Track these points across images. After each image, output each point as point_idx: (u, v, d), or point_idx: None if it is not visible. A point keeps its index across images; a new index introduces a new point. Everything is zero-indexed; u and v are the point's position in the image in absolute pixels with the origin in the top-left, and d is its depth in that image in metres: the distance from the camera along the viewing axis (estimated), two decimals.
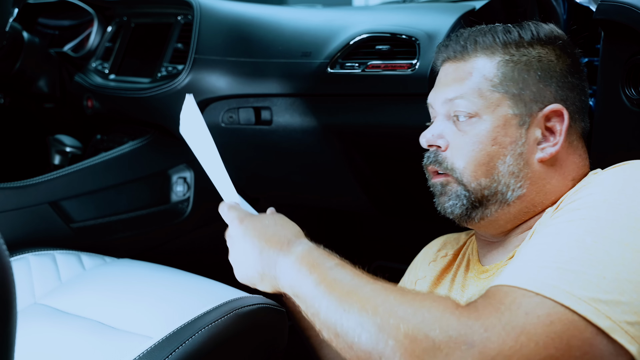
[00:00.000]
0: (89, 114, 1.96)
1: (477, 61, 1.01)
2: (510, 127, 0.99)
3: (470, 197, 1.00)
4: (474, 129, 0.99)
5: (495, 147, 0.98)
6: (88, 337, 1.17)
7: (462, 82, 1.01)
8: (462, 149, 1.00)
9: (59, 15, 2.19)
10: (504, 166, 0.98)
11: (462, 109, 1.00)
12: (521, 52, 1.01)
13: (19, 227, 1.57)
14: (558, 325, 0.71)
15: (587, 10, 1.36)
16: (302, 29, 1.61)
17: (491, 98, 0.99)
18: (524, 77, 1.00)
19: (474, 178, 1.00)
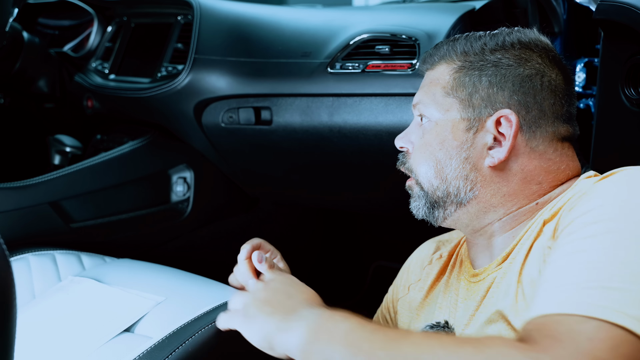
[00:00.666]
0: (89, 114, 1.96)
1: (439, 69, 1.05)
2: (458, 131, 1.00)
3: (427, 197, 1.04)
4: (429, 133, 1.03)
5: (442, 150, 1.01)
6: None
7: (424, 89, 1.05)
8: (420, 151, 1.04)
9: (59, 15, 2.19)
10: (450, 169, 1.01)
11: (423, 113, 1.04)
12: (479, 58, 1.02)
13: (19, 227, 1.57)
14: (622, 347, 0.69)
15: (587, 10, 1.36)
16: (302, 29, 1.61)
17: (443, 103, 1.02)
18: (474, 82, 1.01)
19: (427, 180, 1.03)
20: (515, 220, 1.00)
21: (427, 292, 1.15)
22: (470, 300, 1.02)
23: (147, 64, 1.82)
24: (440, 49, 1.06)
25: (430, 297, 1.14)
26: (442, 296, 1.10)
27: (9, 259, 0.70)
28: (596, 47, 1.40)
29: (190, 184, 1.83)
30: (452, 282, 1.10)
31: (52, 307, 1.30)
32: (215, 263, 1.90)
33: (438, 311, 1.09)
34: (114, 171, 1.74)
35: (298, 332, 0.86)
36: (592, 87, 1.45)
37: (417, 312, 1.14)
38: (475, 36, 1.04)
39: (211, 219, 1.88)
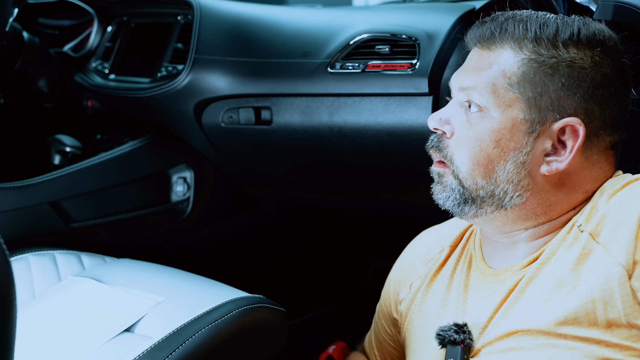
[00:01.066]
0: (89, 114, 1.96)
1: (502, 53, 0.93)
2: (518, 132, 0.92)
3: (464, 193, 0.95)
4: (480, 125, 0.93)
5: (497, 149, 0.92)
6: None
7: (480, 73, 0.94)
8: (464, 142, 0.94)
9: (59, 15, 2.19)
10: (503, 172, 0.93)
11: (474, 100, 0.94)
12: (552, 52, 0.92)
13: (19, 227, 1.57)
14: None
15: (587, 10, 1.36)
16: (302, 29, 1.61)
17: (504, 96, 0.92)
18: (544, 82, 0.92)
19: (471, 176, 0.95)
20: (551, 228, 0.96)
21: (427, 286, 1.09)
22: (487, 301, 0.97)
23: (147, 64, 1.82)
24: (506, 28, 0.93)
25: (431, 293, 1.08)
26: (446, 292, 1.05)
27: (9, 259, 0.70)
28: None
29: (190, 184, 1.83)
30: (459, 278, 1.05)
31: (52, 307, 1.30)
32: (215, 263, 1.91)
33: (442, 309, 1.04)
34: (114, 171, 1.74)
35: None
36: None
37: (419, 307, 1.10)
38: (547, 19, 0.93)
39: (211, 219, 1.88)
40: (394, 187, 1.61)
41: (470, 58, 0.98)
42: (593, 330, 0.85)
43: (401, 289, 1.16)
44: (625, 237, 0.85)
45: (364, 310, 1.56)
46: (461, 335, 0.95)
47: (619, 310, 0.84)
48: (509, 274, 0.97)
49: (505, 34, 0.94)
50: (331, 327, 2.01)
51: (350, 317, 2.09)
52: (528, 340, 0.90)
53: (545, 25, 0.93)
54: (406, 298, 1.14)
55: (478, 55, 0.96)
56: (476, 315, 0.98)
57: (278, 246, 2.07)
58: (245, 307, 1.19)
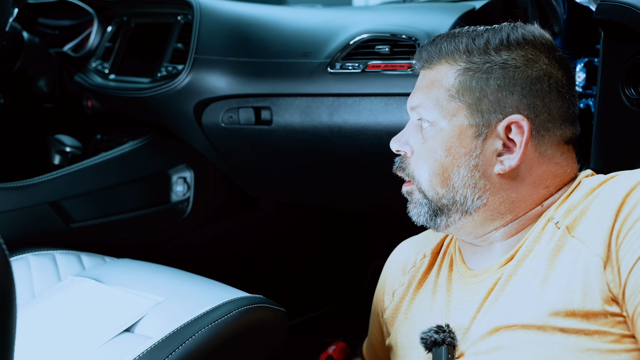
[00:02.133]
0: (89, 114, 1.96)
1: (440, 69, 0.99)
2: (465, 138, 0.96)
3: (430, 205, 1.00)
4: (432, 139, 0.98)
5: (449, 157, 0.97)
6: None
7: (425, 90, 1.00)
8: (421, 157, 1.00)
9: (59, 15, 2.19)
10: (458, 177, 0.97)
11: (424, 117, 0.99)
12: (484, 59, 0.97)
13: (19, 227, 1.57)
14: None
15: (587, 10, 1.36)
16: (302, 29, 1.61)
17: (448, 107, 0.97)
18: (481, 86, 0.96)
19: (431, 187, 0.99)
20: (521, 225, 0.99)
21: (413, 293, 1.11)
22: (469, 302, 0.99)
23: (147, 64, 1.82)
24: (440, 47, 0.99)
25: (418, 299, 1.10)
26: (432, 297, 1.07)
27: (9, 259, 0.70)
28: (596, 47, 1.39)
29: (190, 184, 1.83)
30: (442, 282, 1.07)
31: (52, 307, 1.30)
32: (215, 263, 1.91)
33: (429, 313, 1.06)
34: (114, 171, 1.74)
35: None
36: (592, 87, 1.45)
37: (405, 315, 1.11)
38: (478, 32, 0.99)
39: (211, 219, 1.88)
40: (394, 187, 1.61)
41: (418, 80, 1.04)
42: (571, 320, 0.87)
43: (385, 298, 1.18)
44: (602, 230, 0.88)
45: (363, 310, 1.56)
46: (441, 334, 0.97)
47: (596, 299, 0.86)
48: (487, 274, 0.99)
49: (441, 51, 1.00)
50: (331, 327, 2.01)
51: (350, 317, 2.09)
52: (510, 337, 0.91)
53: (475, 37, 0.99)
54: (389, 306, 1.16)
55: (422, 76, 1.03)
56: (459, 317, 1.00)
57: (278, 246, 2.07)
58: (245, 307, 1.19)
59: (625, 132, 1.20)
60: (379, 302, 1.21)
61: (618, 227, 0.86)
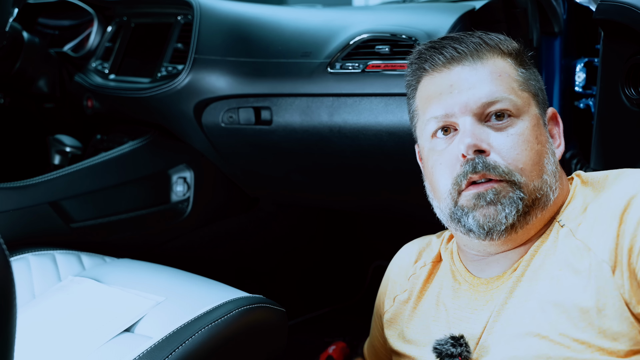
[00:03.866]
0: (89, 114, 1.96)
1: (496, 62, 0.97)
2: (541, 127, 0.98)
3: (525, 200, 0.93)
4: (518, 129, 0.94)
5: (539, 145, 0.95)
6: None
7: (495, 82, 0.95)
8: (513, 149, 0.93)
9: (59, 15, 2.19)
10: (549, 165, 0.96)
11: (506, 109, 0.95)
12: (519, 53, 1.02)
13: (19, 227, 1.57)
14: None
15: (587, 10, 1.36)
16: (302, 29, 1.61)
17: (523, 97, 0.97)
18: (534, 79, 1.01)
19: (531, 180, 0.93)
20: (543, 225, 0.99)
21: (415, 302, 1.10)
22: (482, 310, 0.98)
23: (147, 64, 1.82)
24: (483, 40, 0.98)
25: (419, 309, 1.09)
26: (435, 308, 1.06)
27: (9, 259, 0.70)
28: (596, 47, 1.39)
29: (190, 184, 1.83)
30: (446, 292, 1.05)
31: (52, 307, 1.30)
32: (215, 263, 1.91)
33: (434, 324, 1.05)
34: (114, 171, 1.74)
35: None
36: (592, 87, 1.45)
37: (406, 323, 1.10)
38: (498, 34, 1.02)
39: (211, 219, 1.88)
40: (394, 187, 1.61)
41: (461, 77, 0.97)
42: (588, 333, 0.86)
43: (385, 302, 1.18)
44: (608, 234, 0.88)
45: (363, 310, 1.56)
46: (458, 348, 0.96)
47: (609, 305, 0.86)
48: (500, 281, 0.98)
49: (488, 44, 0.98)
50: (331, 327, 2.01)
51: (350, 317, 2.09)
52: (524, 347, 0.90)
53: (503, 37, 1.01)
54: (389, 310, 1.16)
55: (470, 70, 0.97)
56: (471, 326, 0.98)
57: (278, 246, 2.07)
58: (245, 307, 1.19)
59: (625, 132, 1.20)
60: (380, 305, 1.21)
61: (630, 232, 0.86)
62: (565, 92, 1.48)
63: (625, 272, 0.85)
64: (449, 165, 0.96)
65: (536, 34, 1.44)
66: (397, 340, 1.12)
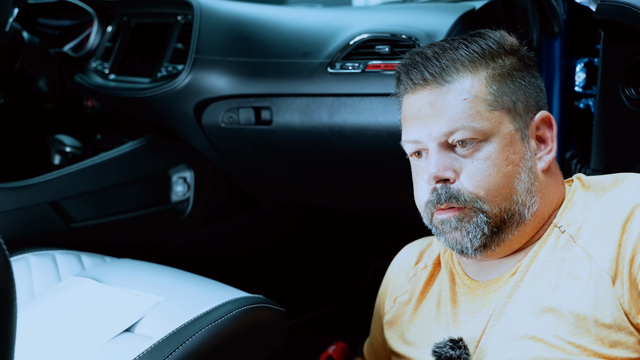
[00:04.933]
0: (89, 114, 1.96)
1: (462, 81, 0.95)
2: (516, 143, 0.95)
3: (490, 224, 0.95)
4: (484, 153, 0.94)
5: (510, 166, 0.94)
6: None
7: (459, 108, 0.94)
8: (476, 176, 0.94)
9: (59, 15, 2.19)
10: (520, 184, 0.95)
11: (465, 138, 0.94)
12: (498, 62, 0.97)
13: (19, 227, 1.57)
14: None
15: (587, 10, 1.36)
16: (302, 29, 1.61)
17: (491, 118, 0.94)
18: (513, 90, 0.96)
19: (495, 204, 0.94)
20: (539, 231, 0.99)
21: (416, 304, 1.11)
22: (480, 314, 0.98)
23: (147, 64, 1.82)
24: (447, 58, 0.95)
25: (420, 311, 1.10)
26: (436, 310, 1.06)
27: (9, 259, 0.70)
28: (596, 47, 1.39)
29: (190, 184, 1.83)
30: (446, 295, 1.06)
31: (52, 307, 1.30)
32: (215, 263, 1.91)
33: (434, 326, 1.05)
34: (114, 171, 1.74)
35: None
36: (592, 87, 1.45)
37: (407, 325, 1.10)
38: (471, 40, 0.98)
39: (211, 219, 1.88)
40: (394, 187, 1.61)
41: (426, 103, 0.96)
42: (585, 338, 0.87)
43: (385, 302, 1.18)
44: (609, 243, 0.88)
45: (363, 310, 1.56)
46: (457, 351, 0.96)
47: (607, 315, 0.86)
48: (498, 284, 0.98)
49: (454, 62, 0.95)
50: (331, 327, 2.01)
51: (350, 317, 2.09)
52: (521, 350, 0.91)
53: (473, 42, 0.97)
54: (389, 311, 1.16)
55: (436, 95, 0.95)
56: (470, 329, 0.99)
57: (278, 246, 2.07)
58: (245, 307, 1.19)
59: (625, 132, 1.20)
60: (380, 306, 1.21)
61: (632, 242, 0.86)
62: (565, 92, 1.48)
63: (626, 282, 0.86)
64: (423, 189, 0.99)
65: (536, 34, 1.44)
66: (397, 341, 1.12)
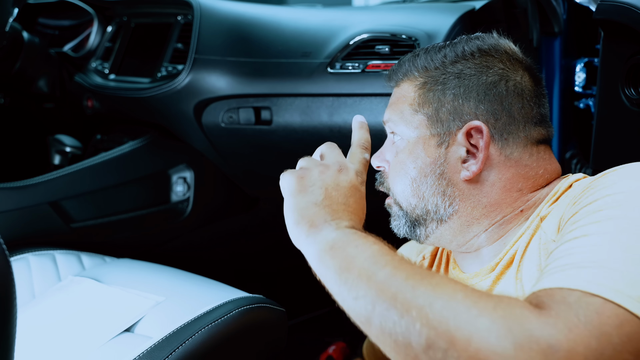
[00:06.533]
0: (89, 114, 1.96)
1: (404, 86, 1.04)
2: (429, 148, 0.99)
3: (407, 216, 1.03)
4: (402, 152, 1.02)
5: (417, 168, 1.00)
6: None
7: (393, 106, 1.05)
8: (395, 170, 1.03)
9: (59, 15, 2.19)
10: (426, 187, 1.00)
11: (394, 131, 1.04)
12: (440, 72, 1.00)
13: (19, 227, 1.57)
14: (627, 327, 0.67)
15: (587, 10, 1.36)
16: (302, 29, 1.61)
17: (412, 121, 1.01)
18: (438, 97, 0.99)
19: (405, 198, 1.02)
20: (503, 229, 0.99)
21: None
22: None
23: (147, 64, 1.82)
24: (402, 66, 1.05)
25: None
26: None
27: (9, 259, 0.70)
28: (596, 47, 1.40)
29: (190, 184, 1.83)
30: None
31: (52, 307, 1.30)
32: (215, 263, 1.91)
33: None
34: (114, 171, 1.74)
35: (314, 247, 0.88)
36: (592, 87, 1.45)
37: None
38: (436, 49, 1.03)
39: (211, 219, 1.88)
40: None
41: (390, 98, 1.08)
42: None
43: None
44: (558, 217, 0.90)
45: None
46: None
47: None
48: (479, 278, 1.00)
49: (403, 69, 1.04)
50: (331, 327, 2.01)
51: None
52: None
53: (433, 53, 1.02)
54: None
55: (392, 94, 1.07)
56: None
57: (278, 246, 2.06)
58: (245, 307, 1.19)
59: (625, 132, 1.20)
60: None
61: (568, 212, 0.85)
62: (565, 92, 1.48)
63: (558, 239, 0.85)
64: None
65: (536, 34, 1.44)
66: None
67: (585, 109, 1.45)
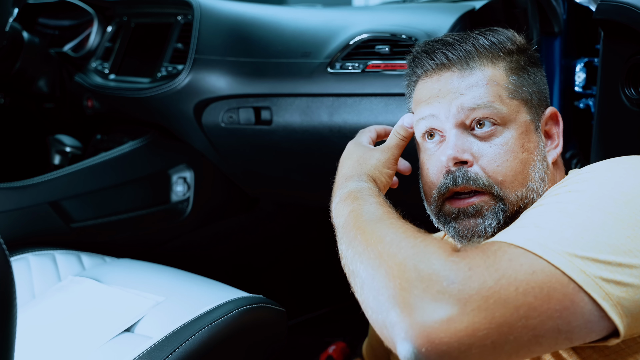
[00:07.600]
0: (89, 114, 1.96)
1: (484, 69, 0.97)
2: (531, 133, 0.97)
3: (506, 212, 0.94)
4: (502, 139, 0.95)
5: (525, 153, 0.95)
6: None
7: (481, 90, 0.96)
8: (494, 160, 0.95)
9: (59, 15, 2.19)
10: (535, 172, 0.96)
11: (488, 117, 0.95)
12: (513, 57, 0.99)
13: (19, 227, 1.57)
14: (540, 275, 0.72)
15: (587, 10, 1.36)
16: (302, 29, 1.61)
17: (511, 105, 0.96)
18: (529, 83, 0.99)
19: (512, 190, 0.94)
20: None
21: None
22: None
23: (147, 64, 1.82)
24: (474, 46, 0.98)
25: None
26: None
27: (9, 259, 0.70)
28: (596, 47, 1.39)
29: (190, 184, 1.83)
30: None
31: (52, 307, 1.30)
32: (215, 263, 1.91)
33: None
34: (114, 171, 1.74)
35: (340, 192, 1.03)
36: (592, 87, 1.45)
37: None
38: (495, 32, 1.01)
39: (211, 219, 1.88)
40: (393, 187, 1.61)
41: (448, 82, 0.98)
42: None
43: None
44: None
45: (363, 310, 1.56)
46: None
47: None
48: None
49: (476, 50, 0.98)
50: (331, 327, 2.01)
51: (350, 317, 2.09)
52: None
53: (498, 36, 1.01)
54: None
55: (459, 77, 0.97)
56: None
57: (278, 246, 2.07)
58: (245, 307, 1.19)
59: (625, 132, 1.20)
60: None
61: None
62: (565, 92, 1.48)
63: None
64: (435, 172, 0.99)
65: (536, 34, 1.44)
66: None
67: (585, 109, 1.44)
